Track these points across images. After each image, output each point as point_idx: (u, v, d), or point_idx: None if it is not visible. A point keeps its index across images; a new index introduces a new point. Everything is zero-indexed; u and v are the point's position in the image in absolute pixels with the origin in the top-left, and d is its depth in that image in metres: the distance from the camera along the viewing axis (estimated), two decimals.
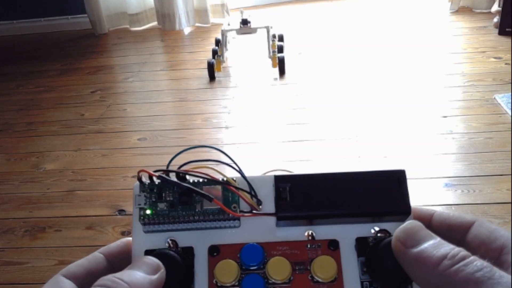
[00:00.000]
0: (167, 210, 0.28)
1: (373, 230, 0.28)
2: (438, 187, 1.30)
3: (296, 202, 0.27)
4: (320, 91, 1.93)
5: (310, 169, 1.42)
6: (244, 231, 0.28)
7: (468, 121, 1.59)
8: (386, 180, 0.27)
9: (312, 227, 0.28)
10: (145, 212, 0.28)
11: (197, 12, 2.85)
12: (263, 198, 0.28)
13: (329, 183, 0.27)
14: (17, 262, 1.18)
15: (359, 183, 0.27)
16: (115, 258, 0.28)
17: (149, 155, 1.59)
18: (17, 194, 1.45)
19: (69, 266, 0.27)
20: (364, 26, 2.58)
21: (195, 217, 0.27)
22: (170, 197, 0.28)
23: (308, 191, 0.27)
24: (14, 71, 2.43)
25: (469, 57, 2.09)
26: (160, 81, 2.21)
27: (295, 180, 0.27)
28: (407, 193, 0.27)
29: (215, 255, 0.28)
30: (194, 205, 0.28)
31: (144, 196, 0.29)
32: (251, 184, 0.29)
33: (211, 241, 0.28)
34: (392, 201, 0.27)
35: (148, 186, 0.29)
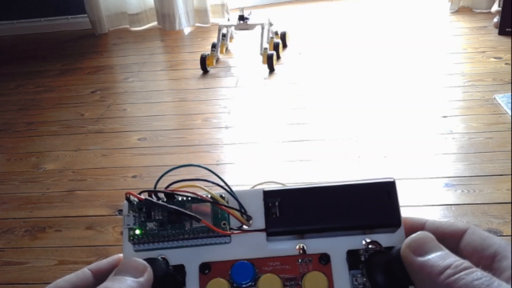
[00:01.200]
0: (157, 230, 0.28)
1: (364, 242, 0.28)
2: (438, 187, 1.30)
3: (286, 217, 0.27)
4: (320, 91, 1.93)
5: (309, 170, 1.42)
6: (235, 247, 0.28)
7: (468, 121, 1.59)
8: (376, 191, 0.27)
9: (303, 240, 0.28)
10: (134, 232, 0.28)
11: (197, 12, 2.85)
12: (253, 213, 0.28)
13: (319, 196, 0.27)
14: (17, 262, 1.18)
15: (349, 195, 0.27)
16: (104, 276, 0.28)
17: (149, 155, 1.59)
18: (17, 194, 1.45)
19: (58, 281, 0.27)
20: (364, 26, 2.58)
21: (184, 235, 0.28)
22: (159, 216, 0.28)
23: (297, 205, 0.27)
24: (14, 71, 2.43)
25: (469, 57, 2.09)
26: (160, 81, 2.21)
27: (284, 194, 0.27)
28: (397, 204, 0.27)
29: (206, 273, 0.28)
30: (183, 223, 0.28)
31: (133, 216, 0.28)
32: (241, 199, 0.28)
33: (202, 259, 0.28)
34: (383, 213, 0.27)
35: (136, 205, 0.29)
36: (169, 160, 1.54)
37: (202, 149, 1.59)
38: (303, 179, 1.37)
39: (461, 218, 1.17)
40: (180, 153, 1.57)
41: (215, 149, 1.59)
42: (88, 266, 0.29)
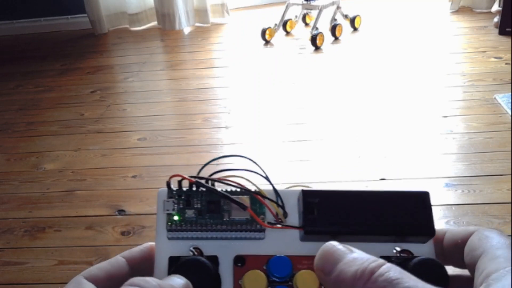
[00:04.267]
0: (195, 218, 0.28)
1: (395, 250, 0.28)
2: (439, 187, 1.29)
3: (324, 217, 0.27)
4: (320, 91, 1.93)
5: (309, 170, 1.42)
6: (269, 243, 0.28)
7: (468, 121, 1.59)
8: (411, 201, 0.28)
9: None
10: (172, 218, 0.28)
11: (197, 12, 2.84)
12: (288, 212, 0.29)
13: (356, 201, 0.28)
14: (17, 262, 1.18)
15: (384, 203, 0.28)
16: (137, 264, 0.28)
17: (149, 155, 1.58)
18: (17, 194, 1.44)
19: (91, 269, 0.26)
20: (364, 26, 2.58)
21: (222, 226, 0.28)
22: (198, 204, 0.28)
23: (335, 207, 0.27)
24: (13, 71, 2.43)
25: (469, 57, 2.09)
26: (159, 81, 2.21)
27: (322, 196, 0.28)
28: (431, 215, 0.28)
29: (239, 265, 0.28)
30: (222, 214, 0.28)
31: (173, 202, 0.28)
32: (277, 196, 0.29)
33: (236, 251, 0.28)
34: (418, 222, 0.27)
35: (176, 192, 0.28)
36: (169, 160, 1.54)
37: (202, 149, 1.59)
38: (303, 179, 1.37)
39: (461, 218, 1.17)
40: (180, 153, 1.57)
41: (215, 149, 1.58)
42: (121, 254, 0.28)
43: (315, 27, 2.34)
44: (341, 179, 1.36)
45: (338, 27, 2.44)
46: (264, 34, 2.48)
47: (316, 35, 2.31)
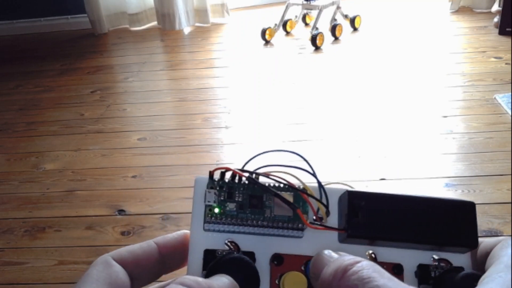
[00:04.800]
0: (236, 211, 0.27)
1: (433, 258, 0.28)
2: (439, 187, 1.29)
3: (367, 221, 0.27)
4: (320, 91, 1.93)
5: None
6: (307, 242, 0.28)
7: (468, 121, 1.59)
8: (456, 210, 0.27)
9: (373, 247, 0.28)
10: (213, 210, 0.27)
11: (197, 12, 2.84)
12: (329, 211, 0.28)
13: (401, 206, 0.27)
14: (17, 262, 1.18)
15: (429, 210, 0.27)
16: (169, 251, 0.27)
17: (149, 155, 1.58)
18: (17, 194, 1.44)
19: (120, 250, 0.25)
20: (364, 26, 2.58)
21: (263, 222, 0.27)
22: (240, 198, 0.27)
23: (379, 212, 0.27)
24: (13, 71, 2.43)
25: (469, 57, 2.09)
26: (159, 81, 2.21)
27: (368, 199, 0.27)
28: (476, 226, 0.27)
29: (276, 264, 0.27)
30: (264, 209, 0.27)
31: (214, 193, 0.27)
32: (321, 194, 0.28)
33: (273, 249, 0.27)
34: (461, 233, 0.27)
35: (218, 183, 0.27)
36: (169, 160, 1.54)
37: (202, 149, 1.59)
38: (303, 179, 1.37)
39: None
40: (180, 153, 1.57)
41: (215, 149, 1.58)
42: (154, 239, 0.27)
43: (315, 27, 2.34)
44: (341, 179, 1.36)
45: (338, 27, 2.44)
46: (264, 34, 2.48)
47: (316, 35, 2.31)
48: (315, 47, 2.33)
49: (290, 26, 2.60)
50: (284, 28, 2.58)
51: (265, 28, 2.48)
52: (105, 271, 0.24)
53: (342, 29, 2.47)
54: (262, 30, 2.48)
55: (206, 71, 2.23)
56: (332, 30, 2.42)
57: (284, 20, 2.55)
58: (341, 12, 2.51)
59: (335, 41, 2.43)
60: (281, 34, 2.58)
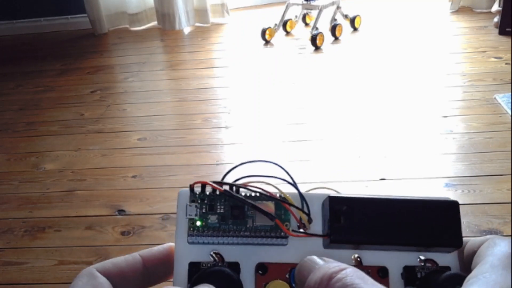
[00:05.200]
0: (218, 223, 0.27)
1: (419, 259, 0.28)
2: (439, 187, 1.29)
3: (350, 226, 0.27)
4: (320, 91, 1.93)
5: (309, 170, 1.42)
6: (291, 250, 0.28)
7: (468, 121, 1.59)
8: (439, 210, 0.27)
9: (359, 251, 0.28)
10: (195, 223, 0.27)
11: (197, 12, 2.84)
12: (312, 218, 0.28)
13: (383, 208, 0.27)
14: (17, 262, 1.18)
15: (412, 211, 0.27)
16: (154, 264, 0.27)
17: (149, 155, 1.58)
18: (17, 194, 1.44)
19: (105, 262, 0.26)
20: (364, 26, 2.58)
21: (245, 232, 0.27)
22: (221, 209, 0.27)
23: (362, 215, 0.27)
24: (14, 71, 2.43)
25: (469, 57, 2.09)
26: (159, 81, 2.21)
27: (349, 203, 0.27)
28: (460, 226, 0.27)
29: (261, 273, 0.27)
30: (246, 220, 0.27)
31: (195, 206, 0.27)
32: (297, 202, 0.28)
33: (258, 258, 0.27)
34: (446, 233, 0.27)
35: (199, 196, 0.28)
36: (169, 160, 1.54)
37: (202, 149, 1.59)
38: (303, 179, 1.37)
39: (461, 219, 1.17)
40: (180, 153, 1.57)
41: (215, 149, 1.58)
42: (140, 252, 0.28)
43: (315, 27, 2.34)
44: (341, 179, 1.36)
45: (338, 27, 2.44)
46: (264, 34, 2.48)
47: (316, 35, 2.31)
48: (315, 47, 2.33)
49: (290, 26, 2.60)
50: (284, 28, 2.58)
51: (265, 28, 2.48)
52: (89, 282, 0.24)
53: (342, 29, 2.47)
54: (262, 30, 2.48)
55: (206, 71, 2.23)
56: (332, 30, 2.42)
57: (284, 20, 2.55)
58: (341, 12, 2.51)
59: (335, 41, 2.43)
60: (281, 34, 2.58)
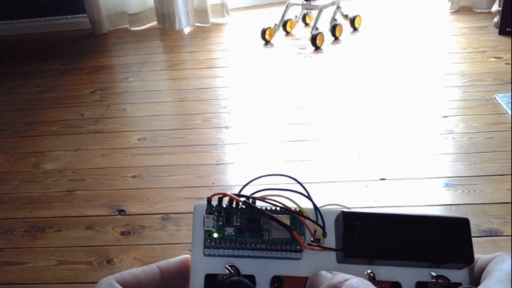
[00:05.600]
0: (235, 236, 0.27)
1: (431, 275, 0.28)
2: (438, 187, 1.29)
3: (364, 240, 0.27)
4: (320, 91, 1.93)
5: (309, 170, 1.42)
6: (306, 264, 0.28)
7: (468, 121, 1.59)
8: (451, 227, 0.28)
9: (372, 266, 0.28)
10: (212, 236, 0.27)
11: (197, 12, 2.84)
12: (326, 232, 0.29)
13: (396, 224, 0.28)
14: (17, 262, 1.18)
15: (424, 227, 0.28)
16: (171, 276, 0.28)
17: (149, 155, 1.58)
18: (17, 194, 1.44)
19: (123, 273, 0.26)
20: (364, 26, 2.58)
21: (261, 245, 0.27)
22: (238, 222, 0.28)
23: (375, 231, 0.27)
24: (14, 71, 2.43)
25: (469, 57, 2.09)
26: (160, 81, 2.21)
27: (363, 218, 0.28)
28: (471, 243, 0.28)
29: (276, 286, 0.27)
30: (262, 233, 0.27)
31: (213, 218, 0.28)
32: (317, 216, 0.28)
33: (273, 271, 0.28)
34: (457, 249, 0.27)
35: (216, 208, 0.28)
36: (169, 160, 1.54)
37: (202, 149, 1.59)
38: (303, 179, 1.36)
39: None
40: (180, 153, 1.57)
41: (215, 149, 1.58)
42: (157, 263, 0.28)
43: (315, 27, 2.34)
44: (341, 179, 1.36)
45: (338, 27, 2.44)
46: (264, 34, 2.48)
47: (316, 35, 2.31)
48: (315, 47, 2.33)
49: (290, 26, 2.60)
50: (284, 28, 2.58)
51: (265, 28, 2.48)
52: None
53: (342, 29, 2.47)
54: (262, 30, 2.48)
55: (206, 71, 2.23)
56: (332, 30, 2.42)
57: (284, 20, 2.55)
58: (341, 12, 2.51)
59: (335, 41, 2.43)
60: (281, 34, 2.58)
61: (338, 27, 2.43)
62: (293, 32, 2.62)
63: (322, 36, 2.34)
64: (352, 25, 2.53)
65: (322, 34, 2.34)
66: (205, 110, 1.86)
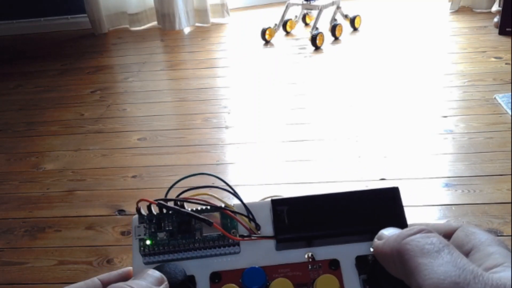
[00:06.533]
0: (167, 239, 0.28)
1: (372, 249, 0.28)
2: (438, 187, 1.29)
3: (295, 224, 0.27)
4: (320, 91, 1.93)
5: (309, 170, 1.42)
6: (245, 256, 0.28)
7: (468, 121, 1.59)
8: (381, 197, 0.28)
9: (311, 248, 0.28)
10: (145, 243, 0.28)
11: (197, 12, 2.84)
12: (261, 223, 0.29)
13: (325, 204, 0.28)
14: (17, 262, 1.18)
15: (355, 202, 0.28)
16: None
17: (149, 155, 1.58)
18: (17, 194, 1.44)
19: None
20: (364, 26, 2.58)
21: (195, 244, 0.28)
22: (169, 226, 0.29)
23: (305, 213, 0.28)
24: (14, 71, 2.43)
25: (469, 57, 2.09)
26: (160, 81, 2.21)
27: (292, 203, 0.28)
28: (403, 210, 0.28)
29: (216, 282, 0.28)
30: (194, 232, 0.28)
31: (144, 227, 0.29)
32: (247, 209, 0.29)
33: (212, 268, 0.28)
34: (389, 218, 0.27)
35: (147, 217, 0.29)
36: (169, 160, 1.54)
37: (202, 149, 1.59)
38: (303, 179, 1.37)
39: (461, 218, 1.17)
40: (180, 153, 1.57)
41: (215, 149, 1.58)
42: (99, 276, 0.29)
43: (315, 27, 2.34)
44: (341, 179, 1.36)
45: (338, 27, 2.44)
46: (264, 34, 2.48)
47: (316, 35, 2.31)
48: (315, 47, 2.33)
49: (290, 26, 2.60)
50: (284, 28, 2.58)
51: (265, 28, 2.48)
52: None
53: (342, 29, 2.47)
54: (262, 30, 2.48)
55: (206, 71, 2.23)
56: (332, 30, 2.42)
57: (284, 20, 2.55)
58: (341, 12, 2.51)
59: (335, 41, 2.43)
60: (281, 34, 2.58)
61: (338, 27, 2.43)
62: (293, 32, 2.62)
63: (322, 36, 2.34)
64: (352, 25, 2.53)
65: (322, 34, 2.34)
66: (205, 110, 1.86)
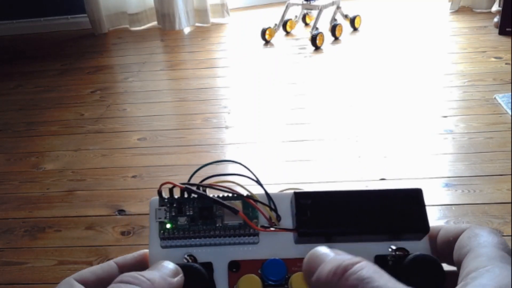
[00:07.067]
0: (188, 225, 0.28)
1: (391, 249, 0.28)
2: (438, 187, 1.29)
3: (317, 218, 0.27)
4: (320, 91, 1.93)
5: (309, 170, 1.42)
6: (263, 247, 0.28)
7: (468, 121, 1.59)
8: (404, 198, 0.28)
9: (330, 244, 0.28)
10: (165, 226, 0.28)
11: (197, 12, 2.84)
12: (281, 215, 0.29)
13: (349, 201, 0.28)
14: (17, 262, 1.18)
15: (378, 201, 0.27)
16: (129, 270, 0.28)
17: (149, 155, 1.58)
18: (17, 194, 1.44)
19: (82, 272, 0.27)
20: (364, 26, 2.58)
21: (215, 231, 0.27)
22: (190, 211, 0.28)
23: (328, 208, 0.27)
24: (14, 71, 2.43)
25: (469, 57, 2.09)
26: (160, 81, 2.21)
27: (315, 197, 0.28)
28: (425, 212, 0.28)
29: (234, 271, 0.28)
30: (215, 219, 0.28)
31: (165, 210, 0.28)
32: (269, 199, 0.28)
33: (230, 257, 0.28)
34: (412, 219, 0.27)
35: (168, 200, 0.29)
36: (169, 160, 1.54)
37: (202, 149, 1.59)
38: (303, 179, 1.37)
39: (461, 218, 1.17)
40: (180, 153, 1.57)
41: (215, 149, 1.58)
42: (114, 259, 0.28)
43: (315, 27, 2.34)
44: (341, 179, 1.36)
45: (338, 27, 2.44)
46: (264, 34, 2.48)
47: (316, 35, 2.31)
48: (315, 47, 2.33)
49: (290, 26, 2.60)
50: (284, 28, 2.58)
51: (265, 28, 2.48)
52: None
53: (342, 29, 2.47)
54: (262, 30, 2.48)
55: (206, 71, 2.23)
56: (332, 30, 2.42)
57: (284, 20, 2.55)
58: (341, 12, 2.51)
59: (335, 41, 2.43)
60: (281, 34, 2.58)
61: (338, 27, 2.43)
62: (293, 32, 2.62)
63: (322, 36, 2.34)
64: (352, 25, 2.53)
65: (322, 34, 2.34)
66: (205, 110, 1.86)
